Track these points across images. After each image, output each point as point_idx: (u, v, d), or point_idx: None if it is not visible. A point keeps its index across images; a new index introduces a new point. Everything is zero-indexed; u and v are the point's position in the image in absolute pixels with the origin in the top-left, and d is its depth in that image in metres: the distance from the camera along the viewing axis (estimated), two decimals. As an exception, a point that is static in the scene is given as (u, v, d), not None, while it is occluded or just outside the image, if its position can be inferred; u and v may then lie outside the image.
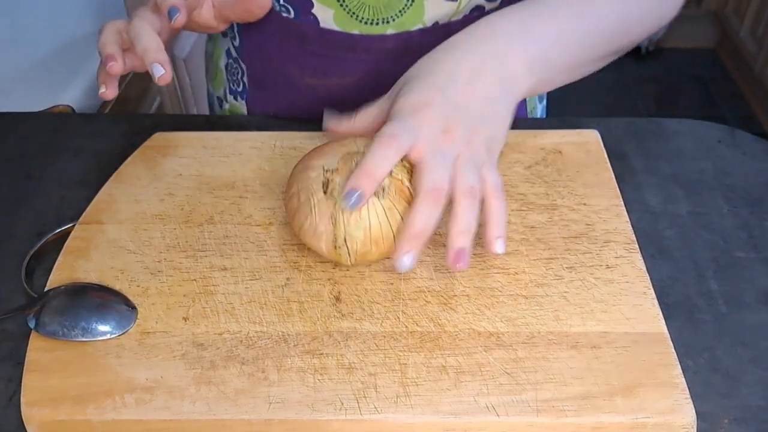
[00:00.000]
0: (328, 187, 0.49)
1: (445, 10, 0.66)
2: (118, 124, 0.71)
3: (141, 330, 0.49)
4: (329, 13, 0.66)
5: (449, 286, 0.51)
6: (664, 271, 0.55)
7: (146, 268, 0.53)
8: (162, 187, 0.60)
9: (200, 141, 0.64)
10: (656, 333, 0.48)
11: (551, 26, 0.55)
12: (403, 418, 0.44)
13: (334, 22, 0.67)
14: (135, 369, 0.47)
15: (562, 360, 0.47)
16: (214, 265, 0.53)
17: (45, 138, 0.69)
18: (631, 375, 0.46)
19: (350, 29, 0.67)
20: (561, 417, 0.44)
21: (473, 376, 0.46)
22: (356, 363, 0.47)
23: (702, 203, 0.61)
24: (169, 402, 0.45)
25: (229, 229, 0.56)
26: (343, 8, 0.65)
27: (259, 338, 0.48)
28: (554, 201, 0.58)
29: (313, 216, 0.49)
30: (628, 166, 0.64)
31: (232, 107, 0.80)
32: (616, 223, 0.56)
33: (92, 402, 0.45)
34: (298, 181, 0.51)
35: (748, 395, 0.47)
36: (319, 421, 0.44)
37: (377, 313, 0.50)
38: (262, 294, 0.51)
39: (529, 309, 0.50)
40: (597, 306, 0.50)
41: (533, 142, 0.63)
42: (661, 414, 0.44)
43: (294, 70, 0.72)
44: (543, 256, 0.53)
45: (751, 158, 0.65)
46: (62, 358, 0.48)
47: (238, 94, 0.78)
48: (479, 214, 0.49)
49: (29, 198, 0.62)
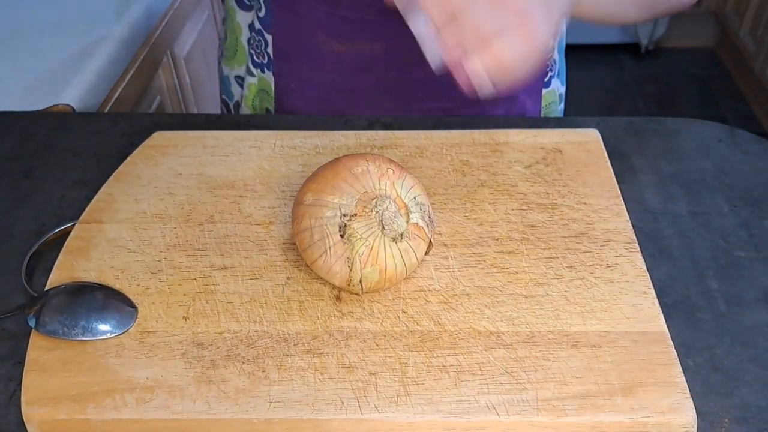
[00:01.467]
0: (346, 231, 0.48)
1: None
2: (118, 124, 0.71)
3: (141, 329, 0.49)
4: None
5: (449, 285, 0.51)
6: (664, 271, 0.55)
7: (146, 267, 0.53)
8: (162, 187, 0.60)
9: (200, 140, 0.64)
10: (656, 332, 0.48)
11: None
12: (403, 418, 0.44)
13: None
14: (135, 368, 0.47)
15: (563, 359, 0.47)
16: (214, 264, 0.53)
17: (45, 137, 0.69)
18: (631, 374, 0.46)
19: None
20: (561, 416, 0.44)
21: (473, 375, 0.46)
22: (356, 362, 0.47)
23: (702, 203, 0.61)
24: (169, 401, 0.45)
25: (229, 228, 0.56)
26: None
27: (259, 337, 0.48)
28: (554, 200, 0.58)
29: (328, 256, 0.49)
30: (628, 165, 0.64)
31: (261, 81, 0.79)
32: (616, 222, 0.56)
33: (92, 401, 0.45)
34: (311, 216, 0.49)
35: (748, 395, 0.47)
36: (319, 420, 0.44)
37: (377, 312, 0.50)
38: (263, 293, 0.51)
39: (530, 308, 0.50)
40: (597, 305, 0.50)
41: (533, 141, 0.63)
42: (661, 413, 0.44)
43: (321, 36, 0.72)
44: (543, 255, 0.53)
45: (751, 158, 0.65)
46: (62, 358, 0.48)
47: (264, 66, 0.78)
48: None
49: (29, 197, 0.62)
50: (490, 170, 0.60)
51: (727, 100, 2.36)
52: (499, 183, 0.59)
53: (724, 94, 2.39)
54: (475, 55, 0.47)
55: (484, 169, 0.61)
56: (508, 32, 0.47)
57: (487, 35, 0.47)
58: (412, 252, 0.49)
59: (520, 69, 0.49)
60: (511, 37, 0.47)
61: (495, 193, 0.58)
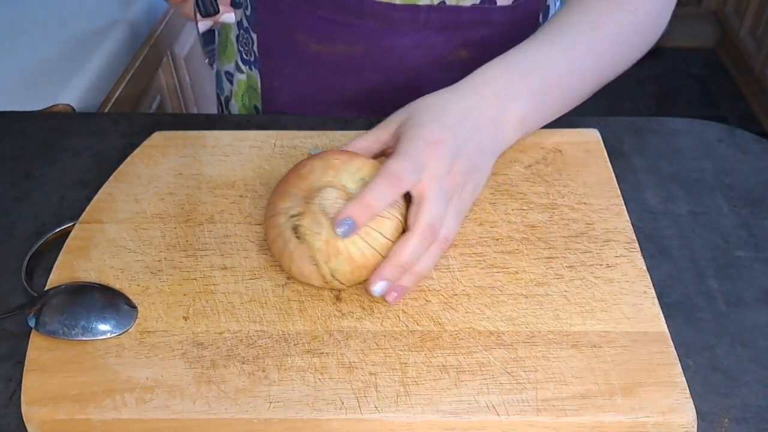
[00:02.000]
0: (298, 231, 0.49)
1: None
2: (118, 124, 0.71)
3: (141, 329, 0.49)
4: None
5: (450, 285, 0.51)
6: (664, 271, 0.55)
7: (146, 267, 0.53)
8: (162, 187, 0.60)
9: (200, 140, 0.64)
10: (656, 332, 0.48)
11: (547, 77, 0.57)
12: (403, 418, 0.44)
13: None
14: (135, 368, 0.47)
15: (563, 359, 0.47)
16: (214, 264, 0.53)
17: (45, 137, 0.69)
18: (631, 374, 0.46)
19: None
20: (561, 416, 0.44)
21: (473, 375, 0.46)
22: (356, 362, 0.47)
23: (702, 203, 0.61)
24: (169, 401, 0.45)
25: (229, 228, 0.56)
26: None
27: (259, 337, 0.48)
28: (554, 200, 0.58)
29: (294, 261, 0.49)
30: (628, 165, 0.64)
31: (249, 78, 0.80)
32: (617, 222, 0.56)
33: (92, 401, 0.45)
34: (271, 227, 0.51)
35: (748, 395, 0.47)
36: (319, 420, 0.44)
37: (377, 312, 0.50)
38: (263, 293, 0.51)
39: (530, 308, 0.50)
40: (597, 305, 0.50)
41: (533, 141, 0.63)
42: (661, 413, 0.44)
43: (302, 36, 0.72)
44: (543, 255, 0.53)
45: (751, 158, 0.65)
46: (62, 358, 0.48)
47: (251, 63, 0.79)
48: (430, 264, 0.50)
49: (29, 197, 0.62)
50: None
51: (727, 100, 2.36)
52: (499, 183, 0.59)
53: (724, 94, 2.39)
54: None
55: (484, 169, 0.61)
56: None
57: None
58: (375, 232, 0.49)
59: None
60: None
61: (495, 193, 0.58)
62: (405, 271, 0.49)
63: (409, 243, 0.49)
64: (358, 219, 0.48)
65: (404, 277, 0.49)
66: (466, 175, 0.52)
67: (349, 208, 0.48)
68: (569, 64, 0.58)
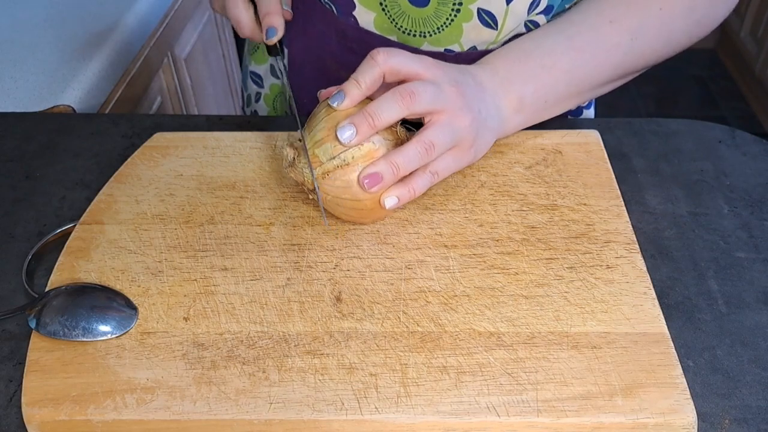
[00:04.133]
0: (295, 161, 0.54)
1: (484, 37, 0.66)
2: (118, 124, 0.71)
3: (141, 330, 0.49)
4: (370, 16, 0.67)
5: (450, 286, 0.51)
6: (665, 272, 0.55)
7: (147, 268, 0.53)
8: (162, 188, 0.60)
9: (201, 141, 0.64)
10: (657, 333, 0.48)
11: (546, 59, 0.60)
12: (403, 419, 0.44)
13: (374, 26, 0.67)
14: (135, 369, 0.47)
15: (563, 360, 0.47)
16: (214, 266, 0.53)
17: (45, 138, 0.69)
18: (631, 375, 0.46)
19: (389, 35, 0.68)
20: (561, 417, 0.44)
21: (474, 376, 0.46)
22: (357, 363, 0.47)
23: (702, 203, 0.61)
24: (170, 402, 0.45)
25: (229, 230, 0.56)
26: (385, 13, 0.66)
27: (259, 338, 0.48)
28: (554, 201, 0.58)
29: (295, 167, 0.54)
30: (628, 166, 0.64)
31: (283, 85, 0.81)
32: (617, 223, 0.56)
33: (93, 402, 0.45)
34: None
35: (748, 395, 0.47)
36: (319, 421, 0.44)
37: (378, 313, 0.50)
38: (263, 294, 0.51)
39: (530, 309, 0.50)
40: (597, 306, 0.50)
41: (533, 142, 0.63)
42: (662, 414, 0.44)
43: (331, 62, 0.72)
44: (543, 256, 0.53)
45: (751, 158, 0.65)
46: (63, 359, 0.48)
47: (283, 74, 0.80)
48: (424, 184, 0.53)
49: (30, 198, 0.62)
50: (491, 171, 0.61)
51: (727, 101, 2.36)
52: (499, 184, 0.59)
53: (724, 94, 2.39)
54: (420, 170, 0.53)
55: (484, 170, 0.61)
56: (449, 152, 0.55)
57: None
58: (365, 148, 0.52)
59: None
60: (449, 155, 0.55)
61: (495, 194, 0.58)
62: (395, 174, 0.51)
63: (405, 147, 0.52)
64: (360, 129, 0.51)
65: (382, 164, 0.51)
66: (474, 135, 0.55)
67: (356, 117, 0.51)
68: (574, 51, 0.60)
